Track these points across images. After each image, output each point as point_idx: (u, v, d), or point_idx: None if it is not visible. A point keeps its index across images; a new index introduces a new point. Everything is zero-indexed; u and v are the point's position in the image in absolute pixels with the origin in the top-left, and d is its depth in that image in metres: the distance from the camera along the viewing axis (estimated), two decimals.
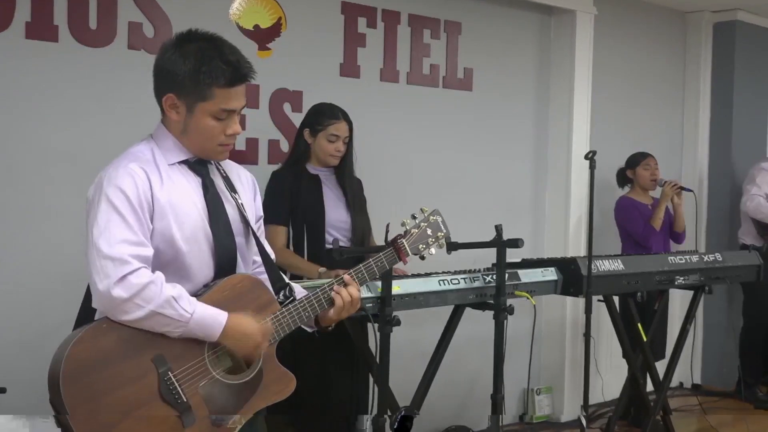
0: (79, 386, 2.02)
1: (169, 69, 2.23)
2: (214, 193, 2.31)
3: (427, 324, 4.12)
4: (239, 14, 4.03)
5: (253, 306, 2.28)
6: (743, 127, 6.30)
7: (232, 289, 2.26)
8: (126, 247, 2.09)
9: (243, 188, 2.44)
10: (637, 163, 5.36)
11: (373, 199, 3.99)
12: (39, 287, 3.51)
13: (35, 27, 3.46)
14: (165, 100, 2.26)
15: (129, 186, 2.14)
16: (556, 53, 5.41)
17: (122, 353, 2.09)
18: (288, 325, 2.33)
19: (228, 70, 2.22)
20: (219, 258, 2.28)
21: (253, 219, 2.43)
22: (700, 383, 6.16)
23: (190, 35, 2.27)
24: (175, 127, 2.28)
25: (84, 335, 2.07)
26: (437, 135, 4.86)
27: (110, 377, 2.06)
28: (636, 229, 5.20)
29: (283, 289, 2.40)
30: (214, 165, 2.37)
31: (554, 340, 5.42)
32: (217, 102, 2.22)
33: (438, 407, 4.71)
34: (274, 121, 4.16)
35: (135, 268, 2.08)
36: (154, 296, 2.08)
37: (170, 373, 2.12)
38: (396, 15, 4.62)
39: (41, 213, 3.52)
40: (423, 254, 2.60)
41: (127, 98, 3.69)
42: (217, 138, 2.27)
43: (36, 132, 3.50)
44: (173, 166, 2.27)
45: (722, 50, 6.27)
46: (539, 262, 4.18)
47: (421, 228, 2.59)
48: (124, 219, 2.12)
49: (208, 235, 2.26)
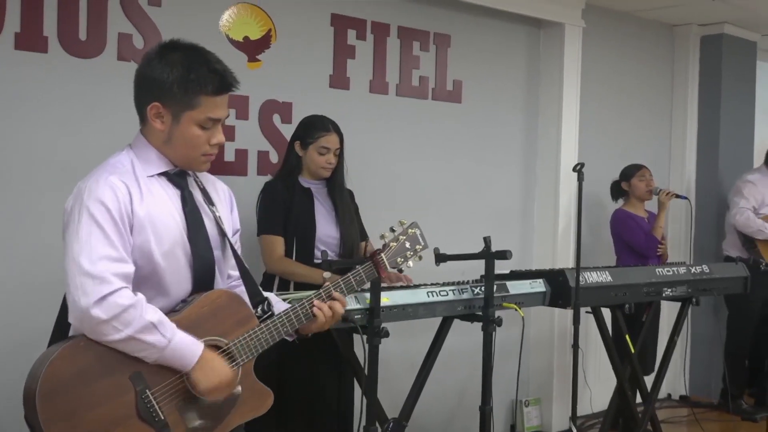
0: (55, 404, 2.00)
1: (155, 77, 2.21)
2: (193, 206, 2.29)
3: (415, 335, 4.12)
4: (229, 26, 4.04)
5: (231, 321, 2.26)
6: (730, 139, 6.34)
7: (210, 305, 2.24)
8: (107, 264, 2.07)
9: (220, 201, 2.43)
10: (632, 174, 5.37)
11: (363, 210, 3.99)
12: (26, 295, 3.50)
13: (25, 38, 3.46)
14: (150, 110, 2.23)
15: (110, 200, 2.12)
16: (545, 66, 5.44)
17: (100, 371, 2.06)
18: (266, 341, 2.31)
19: (215, 78, 2.22)
20: (197, 272, 2.26)
21: (230, 232, 2.41)
22: (687, 395, 6.18)
23: (175, 44, 2.27)
24: (157, 136, 2.25)
25: (62, 353, 2.05)
26: (426, 147, 4.87)
27: (87, 395, 2.03)
28: (638, 241, 5.20)
29: (261, 303, 2.38)
30: (192, 177, 2.36)
31: (542, 352, 5.43)
32: (203, 110, 2.21)
33: (427, 419, 4.72)
34: (263, 132, 4.16)
35: (116, 288, 2.05)
36: (133, 320, 2.05)
37: (148, 391, 2.10)
38: (386, 27, 4.63)
39: (30, 222, 3.51)
40: (401, 267, 2.60)
41: (116, 109, 3.68)
42: (202, 147, 2.26)
43: (25, 142, 3.49)
44: (152, 177, 2.25)
45: (709, 63, 6.31)
46: (527, 273, 4.19)
47: (400, 241, 2.59)
48: (106, 234, 2.09)
49: (186, 248, 2.24)
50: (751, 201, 5.73)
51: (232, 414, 2.25)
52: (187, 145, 2.24)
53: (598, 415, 5.39)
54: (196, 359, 2.13)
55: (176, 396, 2.15)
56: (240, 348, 2.25)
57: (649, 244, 5.17)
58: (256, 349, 2.28)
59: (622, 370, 4.55)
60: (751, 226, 5.66)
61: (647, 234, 5.21)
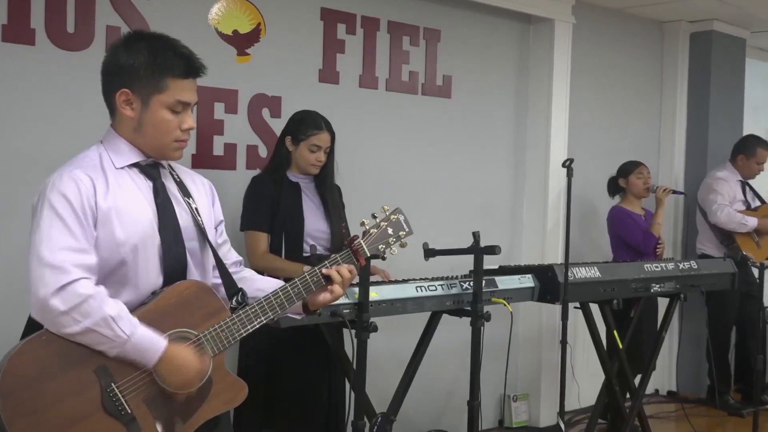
0: (17, 401, 1.97)
1: (122, 64, 2.20)
2: (165, 198, 2.26)
3: (404, 330, 4.12)
4: (218, 19, 4.02)
5: (202, 313, 2.22)
6: (719, 135, 6.36)
7: (179, 296, 2.20)
8: (68, 254, 2.04)
9: (199, 194, 2.40)
10: (630, 171, 5.37)
11: (351, 205, 3.99)
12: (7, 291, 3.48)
13: (12, 30, 3.44)
14: (119, 96, 2.21)
15: (72, 192, 2.10)
16: (535, 61, 5.44)
17: (63, 366, 2.03)
18: (238, 332, 2.25)
19: (182, 61, 2.22)
20: (167, 265, 2.22)
21: (210, 224, 2.38)
22: (676, 390, 6.21)
23: (139, 33, 2.29)
24: (128, 125, 2.23)
25: (22, 348, 2.02)
26: (416, 142, 4.87)
27: (51, 391, 2.00)
28: (635, 238, 5.20)
29: (236, 294, 2.34)
30: (167, 170, 2.33)
31: (531, 347, 5.44)
32: (171, 93, 2.21)
33: (415, 413, 4.72)
34: (252, 126, 4.15)
35: (75, 278, 2.03)
36: (92, 312, 2.02)
37: (113, 385, 2.07)
38: (375, 22, 4.62)
39: (14, 216, 3.48)
40: (383, 255, 2.47)
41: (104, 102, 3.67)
42: (173, 133, 2.24)
43: (12, 135, 3.47)
44: (122, 170, 2.22)
45: (699, 60, 6.32)
46: (516, 269, 4.19)
47: (381, 227, 2.46)
48: (67, 225, 2.07)
49: (156, 240, 2.21)
50: (726, 197, 5.77)
51: (203, 407, 2.21)
52: (157, 130, 2.22)
53: (586, 410, 5.41)
54: (158, 355, 2.10)
55: (144, 389, 2.12)
56: (210, 339, 2.21)
57: (647, 241, 5.18)
58: (228, 340, 2.23)
59: (610, 365, 4.56)
60: (733, 221, 5.69)
61: (645, 231, 5.22)
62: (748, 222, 5.68)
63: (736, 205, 5.81)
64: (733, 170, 5.94)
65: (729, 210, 5.71)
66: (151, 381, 2.13)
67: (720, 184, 5.82)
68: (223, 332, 2.23)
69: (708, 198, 5.84)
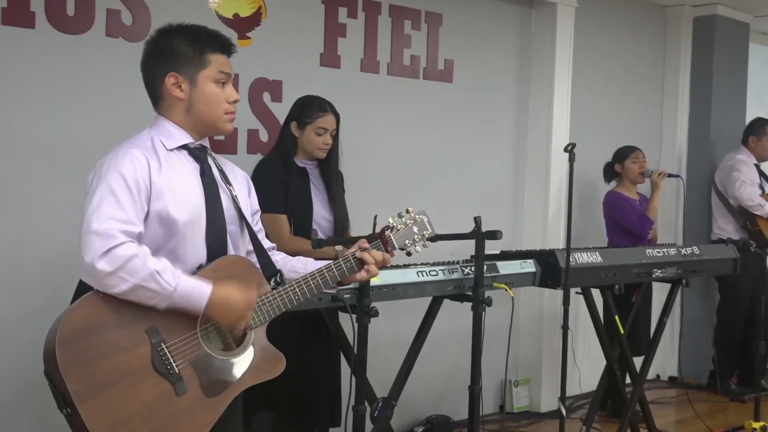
0: (74, 350, 2.07)
1: (165, 49, 2.35)
2: (211, 178, 2.39)
3: (405, 315, 4.12)
4: (219, 3, 4.00)
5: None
6: (722, 120, 6.34)
7: (225, 269, 2.32)
8: (114, 223, 2.15)
9: (237, 184, 2.52)
10: (626, 156, 5.37)
11: (353, 190, 3.98)
12: (13, 278, 3.48)
13: (11, 13, 3.42)
14: (167, 80, 2.34)
15: (128, 169, 2.21)
16: (537, 45, 5.41)
17: (117, 322, 2.14)
18: (278, 307, 2.39)
19: (217, 38, 2.40)
20: (211, 242, 2.34)
21: (248, 212, 2.51)
22: (677, 376, 6.21)
23: (168, 26, 2.42)
24: (178, 107, 2.36)
25: (81, 303, 2.13)
26: (417, 126, 4.85)
27: (105, 344, 2.11)
28: (632, 222, 5.21)
29: (274, 275, 2.46)
30: (211, 158, 2.45)
31: (532, 332, 5.44)
32: (215, 66, 2.36)
33: (417, 398, 4.73)
34: (253, 110, 4.14)
35: (120, 242, 2.13)
36: (138, 269, 2.12)
37: (163, 345, 2.18)
38: (377, 5, 4.60)
39: (15, 200, 3.48)
40: (409, 250, 2.67)
41: (104, 86, 3.66)
42: (222, 105, 2.38)
43: (11, 120, 3.46)
44: (172, 152, 2.35)
45: (701, 44, 6.30)
46: (518, 254, 4.18)
47: (408, 225, 2.66)
48: (118, 200, 2.18)
49: (203, 218, 2.33)
50: (748, 176, 5.79)
51: (245, 374, 2.31)
52: (208, 104, 2.37)
53: (587, 395, 5.41)
54: (206, 299, 2.21)
55: (191, 351, 2.22)
56: (253, 311, 2.32)
57: (643, 225, 5.18)
58: (269, 314, 2.37)
59: (611, 350, 4.56)
60: (753, 199, 5.74)
61: (641, 216, 5.22)
62: (765, 206, 5.71)
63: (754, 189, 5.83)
64: (749, 153, 5.99)
65: (751, 189, 5.74)
66: (198, 344, 2.24)
67: (741, 165, 5.89)
68: (264, 305, 2.36)
69: (731, 176, 5.87)
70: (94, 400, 2.07)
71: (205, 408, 2.22)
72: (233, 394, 2.29)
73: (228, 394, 2.27)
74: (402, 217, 2.67)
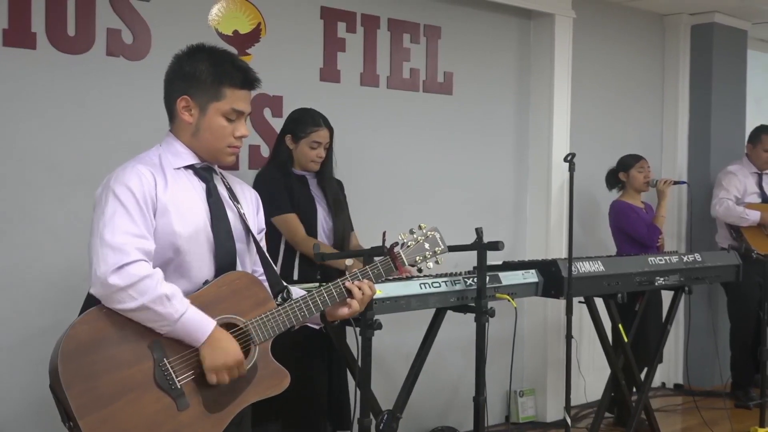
0: (76, 364, 2.09)
1: (185, 72, 2.37)
2: (217, 198, 2.41)
3: (409, 327, 4.13)
4: (218, 20, 4.03)
5: (250, 302, 2.35)
6: (722, 128, 6.35)
7: (229, 285, 2.33)
8: (128, 237, 2.17)
9: (246, 202, 2.54)
10: (631, 165, 5.36)
11: (354, 203, 4.00)
12: (17, 293, 3.50)
13: (13, 34, 3.45)
14: (179, 102, 2.36)
15: (135, 184, 2.24)
16: (536, 56, 5.44)
17: (120, 337, 2.16)
18: (284, 323, 2.38)
19: (240, 73, 2.39)
20: (219, 260, 2.36)
21: (255, 229, 2.51)
22: (682, 383, 6.20)
23: (201, 46, 2.44)
24: (186, 129, 2.38)
25: (84, 318, 2.16)
26: (418, 139, 4.87)
27: (108, 359, 2.13)
28: (640, 232, 5.19)
29: (281, 292, 2.48)
30: (219, 176, 2.47)
31: (536, 343, 5.44)
32: (228, 101, 2.36)
33: (421, 410, 4.73)
34: (254, 126, 4.16)
35: (134, 259, 2.16)
36: (148, 290, 2.14)
37: (165, 360, 2.19)
38: (375, 19, 4.63)
39: (19, 219, 3.50)
40: (420, 266, 2.65)
41: (105, 105, 3.68)
42: (227, 139, 2.38)
43: (14, 139, 3.48)
44: (179, 170, 2.37)
45: (700, 52, 6.32)
46: (520, 264, 4.19)
47: (419, 242, 2.64)
48: (129, 213, 2.20)
49: (209, 236, 2.35)
50: (731, 191, 5.78)
51: (248, 390, 2.32)
52: (213, 135, 2.37)
53: (592, 404, 5.40)
54: (206, 336, 2.21)
55: (193, 367, 2.23)
56: (257, 327, 2.33)
57: (652, 234, 5.17)
58: (273, 330, 2.36)
59: (615, 359, 4.56)
60: (732, 215, 5.71)
61: (649, 225, 5.21)
62: (749, 216, 5.67)
63: (750, 198, 5.81)
64: (748, 163, 5.96)
65: (728, 204, 5.73)
66: (200, 361, 2.24)
67: (728, 178, 5.84)
68: (269, 321, 2.36)
69: (714, 192, 5.87)
70: (95, 414, 2.09)
71: (206, 424, 2.23)
72: (235, 411, 2.29)
73: (230, 411, 2.28)
74: (414, 233, 2.65)
